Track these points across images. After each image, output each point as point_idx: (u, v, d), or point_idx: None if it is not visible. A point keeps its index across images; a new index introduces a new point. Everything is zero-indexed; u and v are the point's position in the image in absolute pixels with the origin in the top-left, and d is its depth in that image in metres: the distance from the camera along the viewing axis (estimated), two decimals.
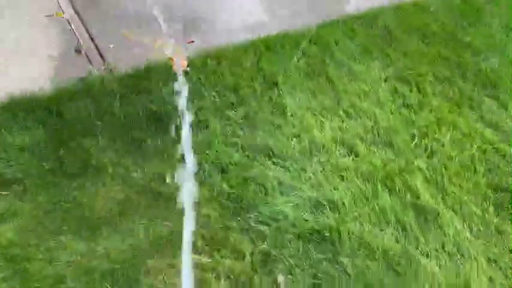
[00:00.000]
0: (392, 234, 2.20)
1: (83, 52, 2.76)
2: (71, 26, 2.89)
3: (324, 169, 2.41)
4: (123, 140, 2.41)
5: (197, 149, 2.40)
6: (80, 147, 2.32)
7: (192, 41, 2.89)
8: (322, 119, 2.62)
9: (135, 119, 2.48)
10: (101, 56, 2.75)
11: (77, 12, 2.98)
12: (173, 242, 2.08)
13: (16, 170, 2.23)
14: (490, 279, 2.10)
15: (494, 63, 3.01)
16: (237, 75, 2.75)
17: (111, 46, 2.81)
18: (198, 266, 2.06)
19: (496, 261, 2.16)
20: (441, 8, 3.31)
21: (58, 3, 3.01)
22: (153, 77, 2.68)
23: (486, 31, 3.17)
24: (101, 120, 2.44)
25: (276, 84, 2.73)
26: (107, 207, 2.18)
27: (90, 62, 2.71)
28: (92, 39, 2.83)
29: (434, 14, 3.24)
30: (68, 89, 2.55)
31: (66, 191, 2.19)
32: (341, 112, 2.66)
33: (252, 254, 2.11)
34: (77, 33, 2.85)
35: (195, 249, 2.12)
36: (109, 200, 2.20)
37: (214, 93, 2.66)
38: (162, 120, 2.49)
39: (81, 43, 2.80)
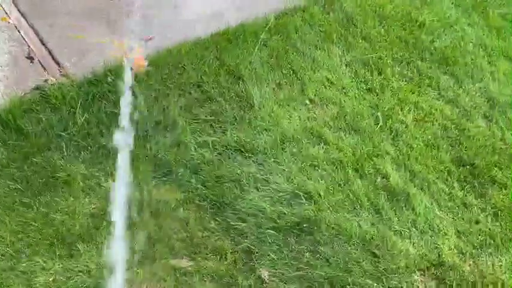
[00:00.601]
0: (367, 218, 2.28)
1: (35, 59, 2.61)
2: (19, 31, 2.72)
3: (296, 160, 2.44)
4: (90, 149, 2.34)
5: (166, 151, 2.37)
6: (46, 162, 2.24)
7: (150, 38, 2.81)
8: (290, 110, 2.64)
9: (99, 126, 2.40)
10: (56, 61, 2.62)
11: (23, 15, 2.81)
12: (154, 252, 2.07)
13: None
14: (460, 251, 2.23)
15: (448, 40, 3.11)
16: (200, 71, 2.71)
17: (66, 49, 2.68)
18: (180, 271, 2.06)
19: (464, 233, 2.29)
20: None
21: (1, 7, 2.82)
22: (113, 80, 2.59)
23: (438, 9, 3.26)
24: (64, 131, 2.35)
25: (240, 78, 2.71)
26: (81, 222, 2.12)
27: (44, 69, 2.58)
28: (44, 44, 2.69)
29: None
30: (24, 100, 2.42)
31: (35, 210, 2.11)
32: (307, 101, 2.69)
33: (233, 252, 2.13)
34: (26, 39, 2.70)
35: (175, 254, 2.12)
36: (82, 214, 2.14)
37: (178, 91, 2.61)
38: (126, 123, 2.43)
39: (33, 49, 2.65)
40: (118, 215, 2.09)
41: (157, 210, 2.18)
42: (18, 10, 2.83)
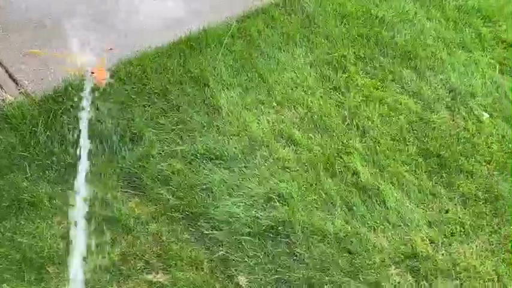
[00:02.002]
0: (340, 215, 2.29)
1: None
2: None
3: (267, 163, 2.44)
4: (55, 167, 2.27)
5: (134, 164, 2.32)
6: (9, 184, 2.16)
7: (110, 49, 2.76)
8: (258, 113, 2.64)
9: (63, 144, 2.34)
10: (13, 79, 2.54)
11: None
12: (129, 268, 2.02)
13: None
14: (433, 241, 2.28)
15: (408, 35, 3.18)
16: (165, 80, 2.67)
17: (23, 66, 2.60)
18: (156, 285, 2.03)
19: (435, 223, 2.34)
20: None
21: None
22: (74, 95, 2.52)
23: (397, 5, 3.32)
24: (27, 151, 2.28)
25: (206, 84, 2.69)
26: (49, 243, 2.06)
27: (1, 88, 2.49)
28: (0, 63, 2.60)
29: None
30: None
31: (0, 235, 2.03)
32: (275, 104, 2.70)
33: (210, 261, 2.11)
34: None
35: (150, 268, 2.08)
36: (51, 235, 2.08)
37: (143, 102, 2.57)
38: (92, 139, 2.37)
39: None
40: (85, 234, 2.03)
41: (128, 226, 2.13)
42: None
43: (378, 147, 2.56)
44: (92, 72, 2.61)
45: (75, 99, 2.48)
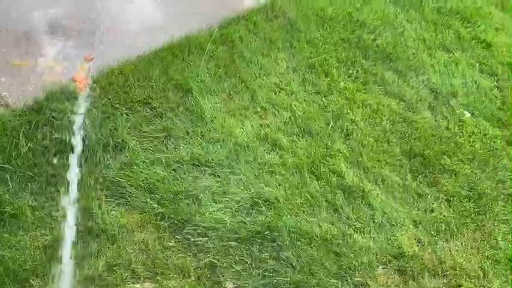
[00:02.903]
0: (326, 218, 2.30)
1: None
2: None
3: (252, 168, 2.44)
4: (37, 179, 2.24)
5: (118, 173, 2.31)
6: None
7: (92, 59, 2.74)
8: (242, 119, 2.64)
9: (45, 155, 2.31)
10: None
11: None
12: (115, 277, 2.00)
13: None
14: (419, 240, 2.29)
15: (388, 37, 3.22)
16: (147, 88, 2.66)
17: (3, 78, 2.58)
18: None
19: (420, 223, 2.36)
20: None
21: None
22: (56, 105, 2.50)
23: (377, 8, 3.37)
24: (8, 163, 2.25)
25: (189, 91, 2.69)
26: (32, 256, 2.02)
27: None
28: None
29: None
30: None
31: None
32: (259, 109, 2.70)
33: (197, 268, 2.10)
34: None
35: (137, 277, 2.06)
36: (34, 247, 2.05)
37: (126, 111, 2.55)
38: (75, 149, 2.35)
39: None
40: (70, 245, 2.01)
41: (113, 235, 2.11)
42: None
43: (362, 148, 2.58)
44: (74, 81, 2.59)
45: (57, 109, 2.46)
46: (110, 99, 2.55)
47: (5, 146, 2.30)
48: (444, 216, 2.38)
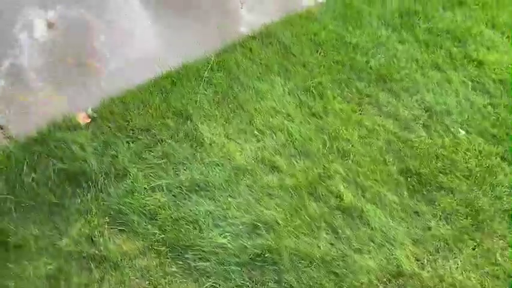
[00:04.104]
0: (326, 239, 2.33)
1: None
2: None
3: (251, 191, 2.48)
4: (41, 209, 2.29)
5: (120, 201, 2.35)
6: None
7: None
8: (241, 143, 2.69)
9: (48, 185, 2.36)
10: None
11: None
12: None
13: None
14: (418, 259, 2.31)
15: (382, 58, 3.30)
16: (148, 115, 2.73)
17: (7, 110, 2.64)
18: None
19: (419, 241, 2.38)
20: (326, 15, 3.55)
21: None
22: (58, 136, 2.56)
23: (369, 31, 3.46)
24: (12, 194, 2.30)
25: (188, 117, 2.75)
26: (37, 285, 2.05)
27: None
28: None
29: (321, 22, 3.48)
30: None
31: None
32: (256, 132, 2.76)
33: None
34: None
35: None
36: (38, 277, 2.08)
37: (127, 139, 2.61)
38: (77, 178, 2.40)
39: None
40: (73, 274, 2.04)
41: (115, 263, 2.14)
42: None
43: (359, 169, 2.62)
44: (75, 112, 2.66)
45: (59, 140, 2.53)
46: (111, 127, 2.61)
47: (9, 177, 2.35)
48: (442, 233, 2.41)
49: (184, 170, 2.52)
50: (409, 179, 2.62)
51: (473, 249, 2.35)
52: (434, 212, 2.49)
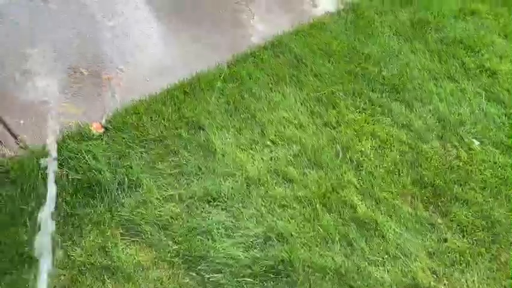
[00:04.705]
0: (339, 251, 2.30)
1: None
2: None
3: (264, 202, 2.47)
4: (55, 219, 2.29)
5: (133, 211, 2.35)
6: (10, 239, 2.17)
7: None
8: (253, 153, 2.69)
9: (62, 194, 2.37)
10: (13, 134, 2.60)
11: None
12: None
13: None
14: (434, 272, 2.28)
15: (394, 69, 3.29)
16: (161, 126, 2.74)
17: (22, 121, 2.67)
18: None
19: (434, 253, 2.35)
20: (338, 26, 3.56)
21: None
22: (72, 146, 2.57)
23: (381, 41, 3.45)
24: (27, 204, 2.30)
25: (201, 127, 2.76)
26: None
27: (1, 143, 2.55)
28: None
29: (332, 32, 3.48)
30: None
31: None
32: (268, 142, 2.75)
33: None
34: None
35: None
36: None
37: (140, 150, 2.62)
38: (91, 188, 2.41)
39: None
40: (87, 284, 2.03)
41: (128, 274, 2.13)
42: None
43: (372, 180, 2.60)
44: (89, 123, 2.67)
45: (73, 150, 2.54)
46: (124, 138, 2.62)
47: (24, 188, 2.36)
48: (458, 246, 2.37)
49: (197, 180, 2.52)
50: (423, 191, 2.60)
51: (490, 262, 2.31)
52: (449, 224, 2.46)
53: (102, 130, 2.65)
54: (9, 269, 2.10)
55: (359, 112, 2.96)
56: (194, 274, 2.18)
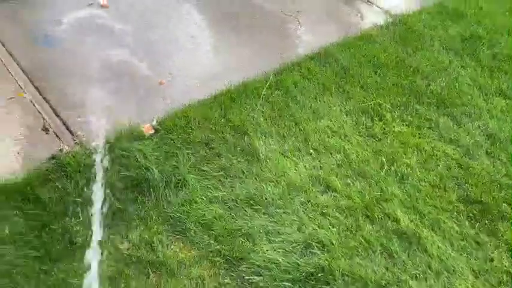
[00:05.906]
0: (381, 263, 2.28)
1: (50, 130, 2.75)
2: (34, 105, 2.89)
3: (305, 209, 2.48)
4: (105, 212, 2.40)
5: (178, 209, 2.42)
6: (63, 228, 2.29)
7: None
8: (296, 160, 2.71)
9: (114, 189, 2.48)
10: (70, 131, 2.76)
11: (38, 90, 2.99)
12: None
13: (1, 264, 2.17)
14: None
15: (443, 83, 3.24)
16: (207, 129, 2.82)
17: (79, 119, 2.83)
18: None
19: (480, 272, 2.27)
20: (386, 38, 3.55)
21: (16, 82, 3.01)
22: (125, 144, 2.69)
23: (430, 55, 3.41)
24: (80, 197, 2.43)
25: (246, 133, 2.82)
26: None
27: (59, 138, 2.71)
28: (58, 115, 2.83)
29: (381, 45, 3.47)
30: (40, 170, 2.52)
31: (54, 276, 2.14)
32: (312, 151, 2.77)
33: None
34: (41, 112, 2.85)
35: None
36: (102, 277, 2.17)
37: (187, 151, 2.70)
38: (140, 185, 2.51)
39: (48, 121, 2.80)
40: (132, 276, 2.11)
41: (172, 269, 2.20)
42: (33, 85, 3.01)
43: (417, 193, 2.56)
44: (141, 123, 2.79)
45: (125, 148, 2.66)
46: (173, 139, 2.72)
47: (78, 182, 2.49)
48: (505, 266, 2.29)
49: (240, 183, 2.57)
50: (469, 207, 2.53)
51: None
52: (497, 243, 2.38)
53: (153, 131, 2.76)
54: (62, 257, 2.21)
55: (405, 125, 2.93)
56: (235, 275, 2.22)
